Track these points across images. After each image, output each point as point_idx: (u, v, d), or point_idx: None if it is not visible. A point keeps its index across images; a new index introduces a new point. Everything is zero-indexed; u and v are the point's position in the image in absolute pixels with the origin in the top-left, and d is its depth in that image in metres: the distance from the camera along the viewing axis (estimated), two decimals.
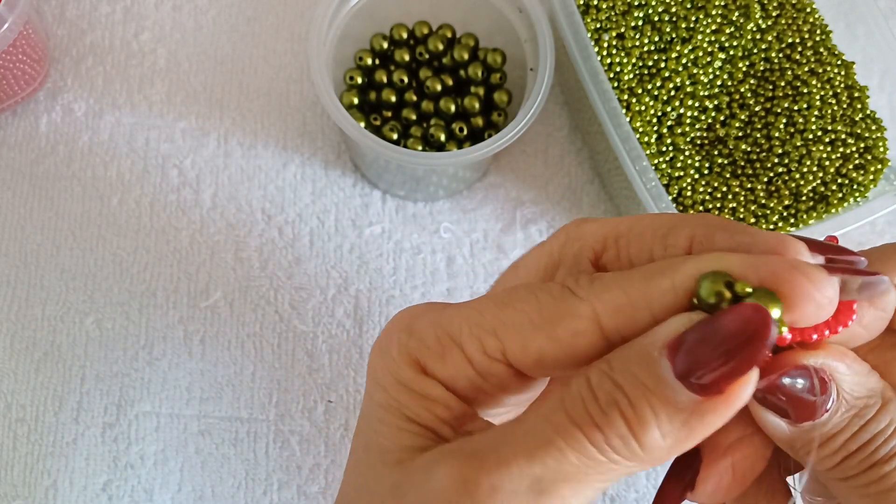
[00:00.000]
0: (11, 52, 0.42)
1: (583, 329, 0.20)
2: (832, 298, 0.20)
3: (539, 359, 0.21)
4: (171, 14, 0.48)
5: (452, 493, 0.19)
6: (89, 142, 0.46)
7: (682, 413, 0.19)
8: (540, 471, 0.19)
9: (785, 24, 0.43)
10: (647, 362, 0.19)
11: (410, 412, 0.22)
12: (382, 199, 0.45)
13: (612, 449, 0.19)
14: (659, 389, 0.19)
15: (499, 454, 0.19)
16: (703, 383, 0.18)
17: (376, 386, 0.23)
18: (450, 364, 0.22)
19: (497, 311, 0.22)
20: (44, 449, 0.41)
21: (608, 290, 0.21)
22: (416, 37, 0.46)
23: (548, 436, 0.19)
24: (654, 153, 0.41)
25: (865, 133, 0.41)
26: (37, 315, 0.42)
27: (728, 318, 0.18)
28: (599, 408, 0.19)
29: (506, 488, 0.19)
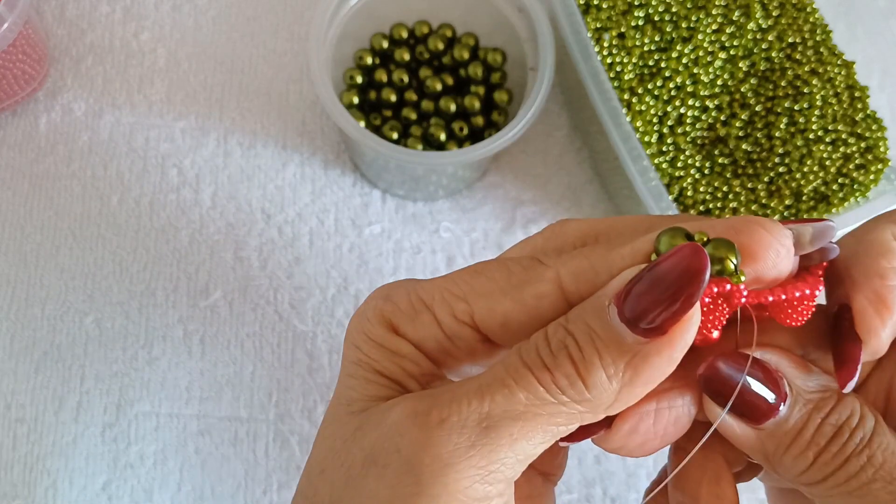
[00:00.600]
0: (11, 51, 0.42)
1: (546, 292, 0.22)
2: (788, 248, 0.21)
3: (504, 322, 0.22)
4: (171, 14, 0.48)
5: (404, 425, 0.21)
6: (89, 141, 0.46)
7: (626, 355, 0.20)
8: (489, 407, 0.20)
9: (786, 24, 0.43)
10: (596, 311, 0.20)
11: (379, 366, 0.23)
12: (382, 198, 0.45)
13: (559, 389, 0.20)
14: (605, 333, 0.20)
15: (453, 393, 0.21)
16: (649, 327, 0.19)
17: (350, 347, 0.24)
18: (420, 326, 0.23)
19: (468, 279, 0.23)
20: (43, 449, 0.41)
21: (572, 259, 0.22)
22: (416, 36, 0.45)
23: (500, 377, 0.20)
24: (654, 153, 0.41)
25: (866, 133, 0.41)
26: (36, 314, 0.42)
27: (668, 260, 0.19)
28: (550, 351, 0.20)
29: (454, 421, 0.20)
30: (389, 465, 0.21)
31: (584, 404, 0.20)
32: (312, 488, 0.23)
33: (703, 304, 0.20)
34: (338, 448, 0.22)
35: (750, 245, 0.20)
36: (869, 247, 0.22)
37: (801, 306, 0.21)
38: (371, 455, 0.21)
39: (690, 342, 0.20)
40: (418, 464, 0.20)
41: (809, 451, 0.21)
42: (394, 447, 0.21)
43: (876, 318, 0.21)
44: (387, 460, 0.21)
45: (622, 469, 0.41)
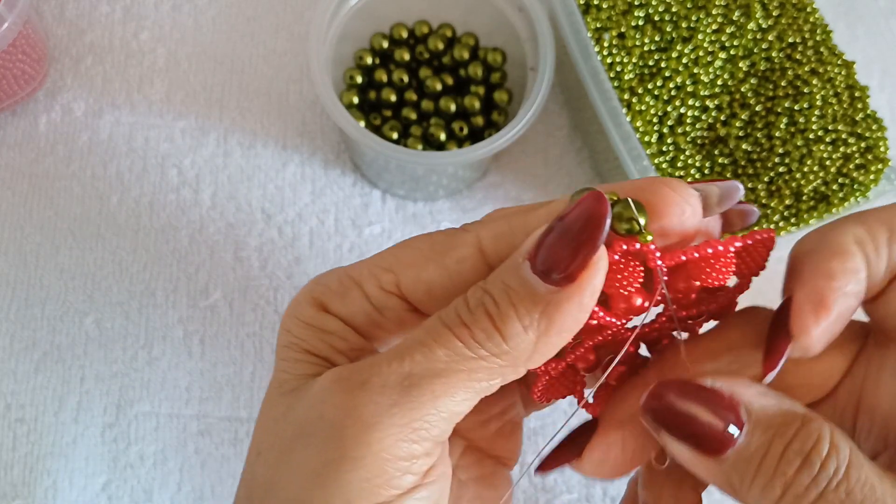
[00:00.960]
0: (11, 51, 0.42)
1: (467, 255, 0.23)
2: (694, 206, 0.21)
3: (429, 288, 0.23)
4: (171, 13, 0.48)
5: (327, 392, 0.21)
6: (89, 141, 0.45)
7: (540, 304, 0.20)
8: (409, 367, 0.20)
9: (786, 24, 0.43)
10: (512, 269, 0.21)
11: (307, 345, 0.24)
12: (382, 198, 0.45)
13: (477, 343, 0.20)
14: (519, 287, 0.20)
15: (374, 358, 0.21)
16: (561, 276, 0.20)
17: (282, 332, 0.24)
18: (349, 301, 0.24)
19: (395, 252, 0.24)
20: (43, 449, 0.41)
21: (492, 222, 0.23)
22: (416, 36, 0.45)
23: (420, 338, 0.21)
24: (654, 153, 0.41)
25: (866, 133, 0.41)
26: (36, 315, 0.42)
27: (573, 210, 0.20)
28: (468, 309, 0.21)
29: (374, 382, 0.20)
30: (315, 434, 0.21)
31: (503, 357, 0.21)
32: (251, 472, 0.23)
33: (614, 262, 0.21)
34: (271, 428, 0.23)
35: (656, 203, 0.21)
36: (825, 246, 0.22)
37: (718, 264, 0.22)
38: (299, 428, 0.21)
39: (599, 288, 0.20)
40: (341, 427, 0.20)
41: (776, 482, 0.20)
42: (318, 415, 0.21)
43: (811, 315, 0.21)
44: (312, 429, 0.21)
45: None
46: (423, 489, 0.21)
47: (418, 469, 0.21)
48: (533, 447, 0.41)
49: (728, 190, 0.22)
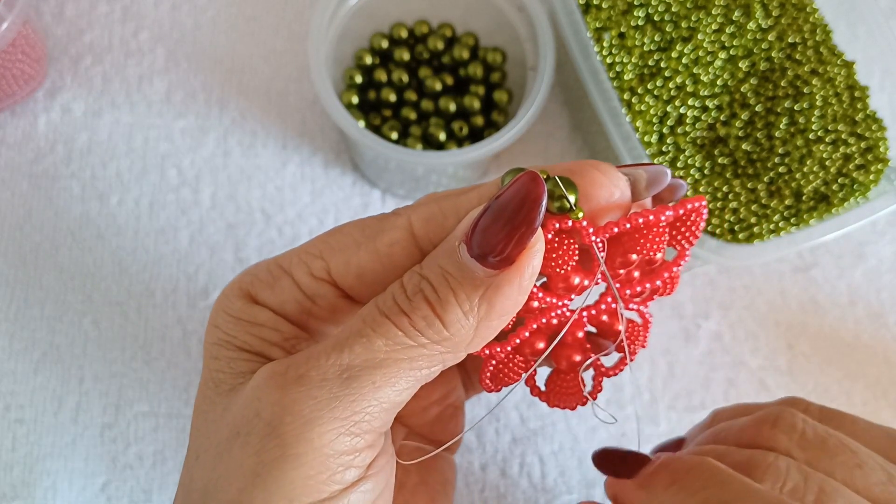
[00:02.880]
0: (10, 51, 0.42)
1: (397, 238, 0.22)
2: (623, 189, 0.21)
3: (360, 273, 0.23)
4: (170, 13, 0.48)
5: (262, 389, 0.20)
6: (88, 141, 0.45)
7: (479, 288, 0.20)
8: (348, 358, 0.20)
9: (786, 24, 0.43)
10: (448, 253, 0.20)
11: (240, 341, 0.23)
12: (382, 198, 0.45)
13: (417, 331, 0.20)
14: (457, 271, 0.20)
15: (310, 351, 0.21)
16: (498, 259, 0.20)
17: (210, 328, 0.24)
18: (279, 290, 0.23)
19: (325, 238, 0.23)
20: (43, 449, 0.40)
21: (422, 205, 0.23)
22: (415, 36, 0.45)
23: (357, 328, 0.20)
24: (654, 153, 0.41)
25: (866, 133, 0.41)
26: (35, 315, 0.42)
27: (508, 190, 0.20)
28: (406, 297, 0.20)
29: (312, 376, 0.20)
30: (252, 433, 0.20)
31: (443, 344, 0.20)
32: (189, 476, 0.22)
33: (548, 241, 0.21)
34: (209, 430, 0.22)
35: (584, 185, 0.21)
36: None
37: (651, 234, 0.21)
38: (234, 427, 0.21)
39: (538, 269, 0.20)
40: (279, 424, 0.20)
41: None
42: (254, 413, 0.20)
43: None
44: (249, 428, 0.20)
45: None
46: (366, 481, 0.21)
47: (361, 462, 0.20)
48: (533, 447, 0.41)
49: (656, 174, 0.22)
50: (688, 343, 0.43)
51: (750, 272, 0.45)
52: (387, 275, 0.23)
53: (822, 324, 0.44)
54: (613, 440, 0.42)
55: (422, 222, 0.22)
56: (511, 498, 0.41)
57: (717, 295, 0.44)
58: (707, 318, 0.44)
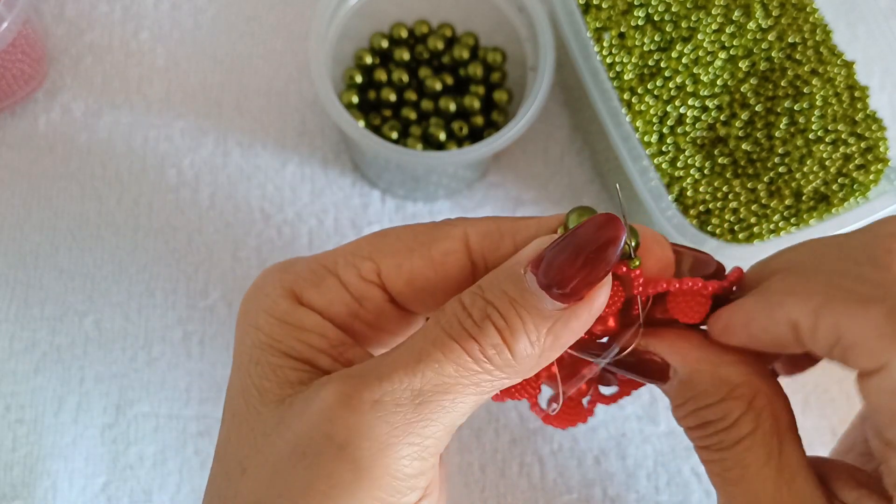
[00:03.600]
0: (10, 51, 0.42)
1: (453, 248, 0.22)
2: (670, 256, 0.22)
3: (411, 279, 0.23)
4: (170, 13, 0.48)
5: (336, 411, 0.20)
6: (88, 141, 0.45)
7: (547, 321, 0.20)
8: (420, 383, 0.20)
9: (786, 24, 0.43)
10: (514, 279, 0.21)
11: (285, 346, 0.22)
12: (382, 198, 0.45)
13: (486, 359, 0.20)
14: (525, 300, 0.20)
15: (379, 371, 0.20)
16: (565, 292, 0.20)
17: (248, 329, 0.23)
18: (326, 290, 0.23)
19: (373, 241, 0.23)
20: (43, 449, 0.40)
21: (480, 221, 0.23)
22: (415, 35, 0.45)
23: (427, 350, 0.20)
24: (654, 153, 0.41)
25: (866, 133, 0.41)
26: (35, 315, 0.42)
27: (585, 227, 0.21)
28: (474, 322, 0.20)
29: (387, 401, 0.20)
30: (322, 454, 0.20)
31: (508, 371, 0.21)
32: (233, 489, 0.22)
33: None
34: (258, 444, 0.21)
35: (645, 238, 0.22)
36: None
37: (693, 301, 0.23)
38: (299, 447, 0.20)
39: (603, 307, 0.21)
40: (355, 449, 0.20)
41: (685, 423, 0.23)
42: (323, 435, 0.20)
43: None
44: (318, 449, 0.20)
45: (622, 469, 0.41)
46: (425, 500, 0.21)
47: (424, 483, 0.21)
48: (532, 447, 0.41)
49: (701, 261, 0.23)
50: None
51: None
52: (438, 283, 0.23)
53: None
54: (613, 440, 0.42)
55: (478, 236, 0.23)
56: (511, 498, 0.41)
57: None
58: None
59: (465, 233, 0.23)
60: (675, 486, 0.41)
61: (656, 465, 0.41)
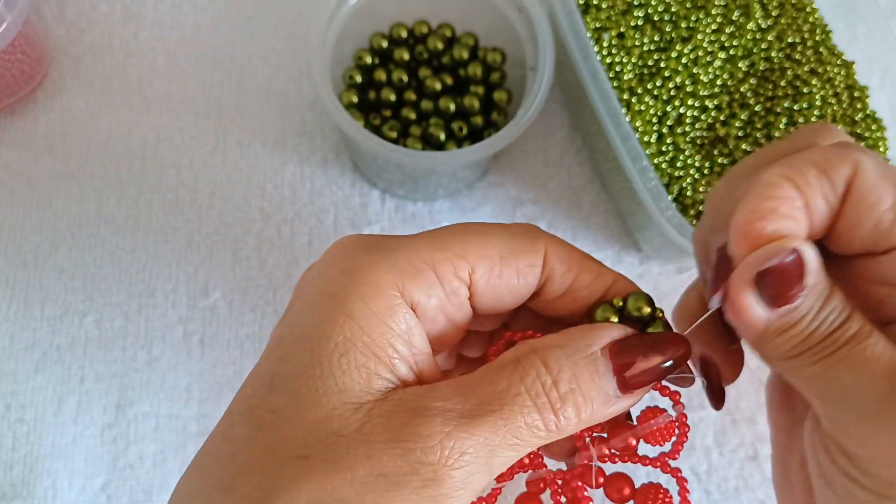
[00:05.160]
0: (10, 51, 0.42)
1: (536, 262, 0.25)
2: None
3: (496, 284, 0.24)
4: (170, 13, 0.48)
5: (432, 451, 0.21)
6: (88, 141, 0.45)
7: (605, 404, 0.23)
8: (499, 440, 0.22)
9: (785, 24, 0.43)
10: (592, 359, 0.23)
11: (377, 348, 0.22)
12: (381, 198, 0.45)
13: (559, 429, 0.23)
14: (597, 385, 0.23)
15: (472, 416, 0.22)
16: (632, 379, 0.23)
17: (337, 312, 0.22)
18: (427, 289, 0.23)
19: (464, 238, 0.25)
20: (43, 449, 0.41)
21: (560, 243, 0.25)
22: (415, 36, 0.45)
23: (511, 415, 0.22)
24: (654, 153, 0.41)
25: (866, 133, 0.41)
26: (35, 315, 0.42)
27: (665, 340, 0.24)
28: (559, 396, 0.22)
29: (471, 453, 0.21)
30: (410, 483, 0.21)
31: (563, 434, 0.23)
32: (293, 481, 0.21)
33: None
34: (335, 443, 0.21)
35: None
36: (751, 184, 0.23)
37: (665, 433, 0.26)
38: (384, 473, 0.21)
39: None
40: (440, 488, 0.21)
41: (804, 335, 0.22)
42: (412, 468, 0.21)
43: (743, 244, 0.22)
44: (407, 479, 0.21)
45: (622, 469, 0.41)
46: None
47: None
48: None
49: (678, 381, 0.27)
50: None
51: None
52: (515, 291, 0.25)
53: None
54: None
55: (557, 259, 0.25)
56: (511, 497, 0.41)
57: None
58: None
59: (545, 249, 0.25)
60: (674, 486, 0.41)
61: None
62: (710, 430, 0.42)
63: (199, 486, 0.22)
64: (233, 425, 0.23)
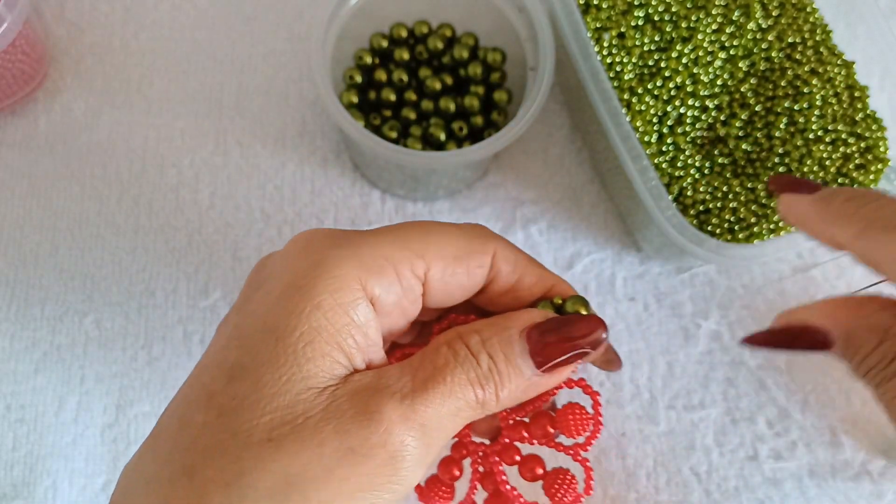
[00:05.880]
0: (10, 51, 0.42)
1: (485, 263, 0.27)
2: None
3: (448, 282, 0.26)
4: (170, 13, 0.48)
5: (397, 426, 0.23)
6: (88, 141, 0.45)
7: (525, 384, 0.25)
8: (444, 411, 0.24)
9: (785, 24, 0.43)
10: (510, 341, 0.25)
11: (340, 338, 0.24)
12: (382, 198, 0.45)
13: (482, 403, 0.25)
14: (515, 364, 0.25)
15: (426, 397, 0.24)
16: (546, 359, 0.25)
17: (305, 304, 0.24)
18: (387, 285, 0.25)
19: (422, 238, 0.26)
20: (43, 449, 0.41)
21: (508, 246, 0.28)
22: (415, 36, 0.45)
23: (454, 391, 0.24)
24: (654, 153, 0.41)
25: (866, 133, 0.41)
26: (36, 315, 0.42)
27: (580, 324, 0.26)
28: (483, 373, 0.25)
29: (426, 425, 0.24)
30: (373, 456, 0.23)
31: (486, 410, 0.25)
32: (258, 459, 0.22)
33: None
34: (303, 424, 0.22)
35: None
36: None
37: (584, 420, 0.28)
38: (352, 448, 0.22)
39: (562, 381, 0.27)
40: (402, 460, 0.23)
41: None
42: (381, 444, 0.23)
43: None
44: (370, 454, 0.23)
45: (622, 469, 0.41)
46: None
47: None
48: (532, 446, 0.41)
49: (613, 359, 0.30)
50: (687, 342, 0.43)
51: (749, 272, 0.45)
52: (463, 289, 0.27)
53: None
54: (613, 440, 0.42)
55: (503, 261, 0.27)
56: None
57: (716, 294, 0.44)
58: (706, 317, 0.44)
59: (494, 250, 0.27)
60: (674, 486, 0.41)
61: (656, 464, 0.41)
62: (710, 430, 0.42)
63: (155, 471, 0.22)
64: (191, 412, 0.23)
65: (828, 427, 0.42)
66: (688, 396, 0.43)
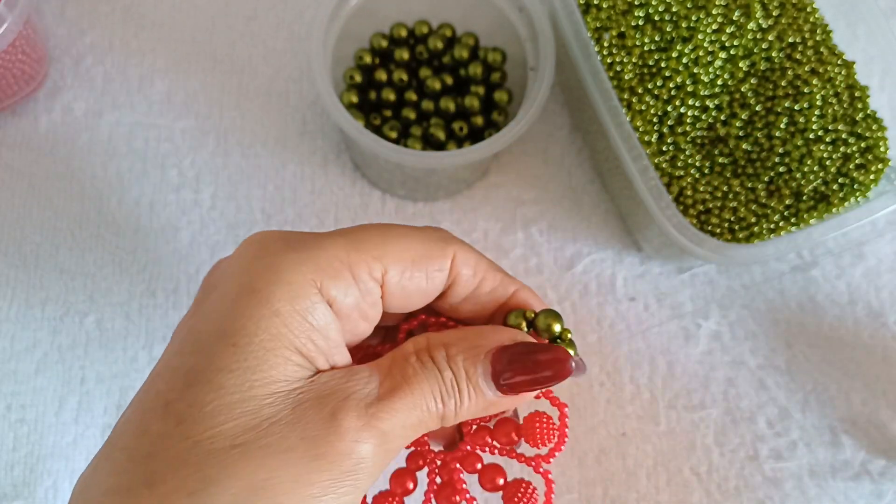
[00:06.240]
0: (11, 51, 0.42)
1: (444, 267, 0.27)
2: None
3: (407, 286, 0.26)
4: (171, 13, 0.48)
5: (359, 433, 0.23)
6: (88, 141, 0.45)
7: (486, 402, 0.26)
8: (410, 421, 0.24)
9: (786, 24, 0.43)
10: (474, 361, 0.26)
11: (299, 343, 0.24)
12: (382, 198, 0.45)
13: (443, 417, 0.25)
14: (477, 385, 0.25)
15: (390, 403, 0.24)
16: (509, 385, 0.26)
17: (264, 310, 0.23)
18: (344, 288, 0.25)
19: (380, 241, 0.26)
20: (44, 449, 0.41)
21: (468, 250, 0.27)
22: (415, 36, 0.45)
23: (419, 403, 0.25)
24: (654, 152, 0.41)
25: (866, 132, 0.41)
26: (36, 315, 0.42)
27: (548, 353, 0.26)
28: (447, 391, 0.25)
29: (392, 433, 0.24)
30: (340, 465, 0.23)
31: (447, 423, 0.26)
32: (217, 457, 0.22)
33: None
34: (269, 430, 0.22)
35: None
36: None
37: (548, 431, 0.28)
38: (313, 445, 0.23)
39: (522, 402, 0.27)
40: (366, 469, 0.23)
41: None
42: (348, 453, 0.23)
43: None
44: (336, 460, 0.23)
45: (622, 469, 0.41)
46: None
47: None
48: None
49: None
50: (687, 342, 0.44)
51: (749, 272, 0.45)
52: (422, 292, 0.27)
53: (822, 323, 0.44)
54: (613, 439, 0.42)
55: (463, 265, 0.27)
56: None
57: (716, 294, 0.44)
58: (706, 317, 0.44)
59: (454, 254, 0.27)
60: (674, 486, 0.41)
61: (656, 464, 0.41)
62: (710, 430, 0.42)
63: (113, 482, 0.22)
64: (147, 421, 0.22)
65: (828, 427, 0.42)
66: (688, 396, 0.43)
